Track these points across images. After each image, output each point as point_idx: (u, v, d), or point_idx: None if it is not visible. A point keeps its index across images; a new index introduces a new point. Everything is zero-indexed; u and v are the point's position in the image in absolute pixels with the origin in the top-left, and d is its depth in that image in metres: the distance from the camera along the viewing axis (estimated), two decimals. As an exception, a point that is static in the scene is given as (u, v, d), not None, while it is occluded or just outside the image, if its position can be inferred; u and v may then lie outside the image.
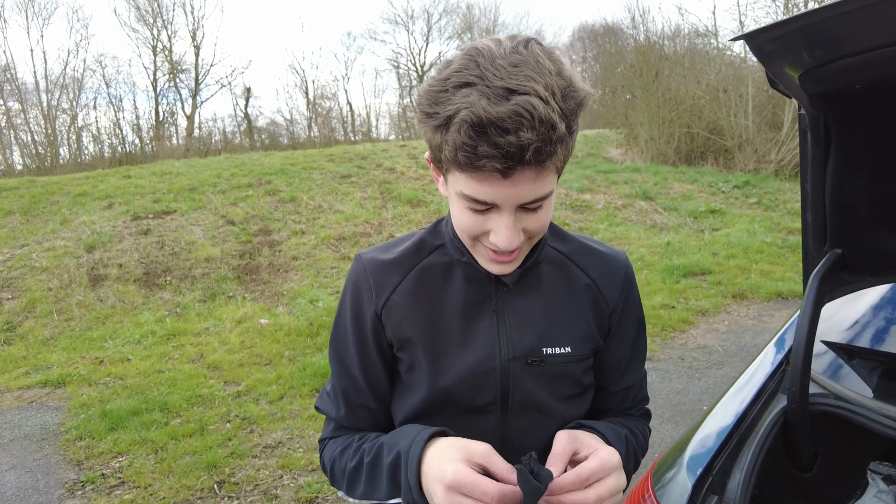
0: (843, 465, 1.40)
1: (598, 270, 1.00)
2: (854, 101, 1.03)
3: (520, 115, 0.68)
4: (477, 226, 0.81)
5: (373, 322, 0.96)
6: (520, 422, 0.95)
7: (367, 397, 1.00)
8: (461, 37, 28.33)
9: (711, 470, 1.13)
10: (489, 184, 0.74)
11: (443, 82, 0.74)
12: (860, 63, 0.89)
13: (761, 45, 0.94)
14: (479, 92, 0.69)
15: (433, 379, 0.93)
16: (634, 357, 1.06)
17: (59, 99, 21.60)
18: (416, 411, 0.96)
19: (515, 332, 0.93)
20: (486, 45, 0.74)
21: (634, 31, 15.62)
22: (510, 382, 0.93)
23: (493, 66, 0.70)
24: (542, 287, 0.96)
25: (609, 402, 1.06)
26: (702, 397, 3.90)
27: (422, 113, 0.77)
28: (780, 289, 5.97)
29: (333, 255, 7.37)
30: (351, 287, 0.98)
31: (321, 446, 1.06)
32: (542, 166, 0.73)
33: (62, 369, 4.78)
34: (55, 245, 7.16)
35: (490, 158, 0.70)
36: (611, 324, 1.01)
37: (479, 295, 0.94)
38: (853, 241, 1.26)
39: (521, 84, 0.69)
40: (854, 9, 0.81)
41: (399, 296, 0.95)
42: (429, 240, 0.99)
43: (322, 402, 1.06)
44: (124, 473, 3.27)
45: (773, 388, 1.38)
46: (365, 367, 0.98)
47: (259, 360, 4.84)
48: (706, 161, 13.17)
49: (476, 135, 0.69)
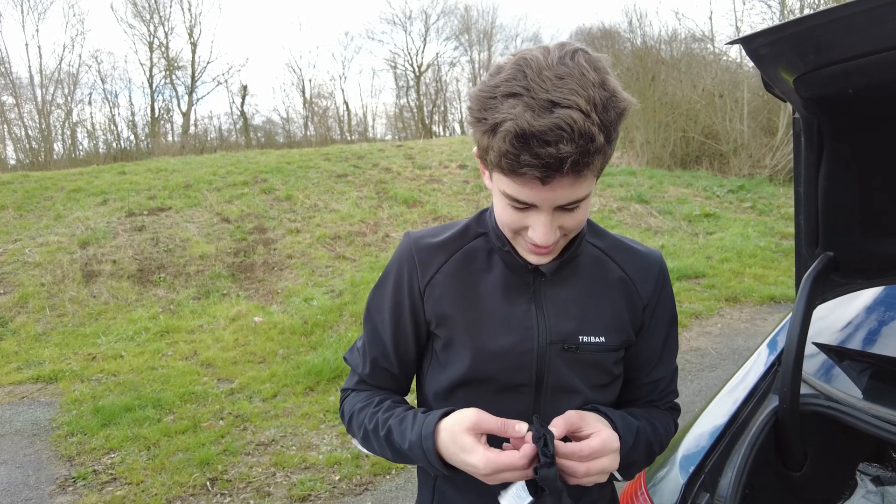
0: (832, 466, 1.42)
1: (633, 266, 1.05)
2: (847, 106, 1.04)
3: (560, 129, 0.73)
4: (517, 221, 0.88)
5: (412, 297, 1.02)
6: (551, 405, 1.00)
7: (391, 363, 1.07)
8: (458, 38, 28.38)
9: (703, 468, 1.14)
10: (528, 187, 0.81)
11: (492, 89, 0.78)
12: (853, 68, 0.91)
13: (757, 49, 0.95)
14: (525, 104, 0.74)
15: (471, 356, 0.98)
16: (666, 351, 1.10)
17: (54, 94, 21.52)
18: (451, 386, 1.01)
19: (553, 319, 0.98)
20: (534, 55, 0.78)
21: (632, 35, 15.68)
22: (545, 366, 0.98)
23: (540, 78, 0.75)
24: (579, 279, 1.02)
25: (637, 394, 1.11)
26: (694, 399, 3.92)
27: (472, 116, 0.82)
28: (773, 293, 6.01)
29: (328, 254, 7.36)
30: (396, 261, 1.04)
31: (343, 395, 1.14)
32: (579, 174, 0.79)
33: (54, 365, 4.76)
34: (49, 240, 7.13)
35: (531, 167, 0.76)
36: (644, 318, 1.05)
37: (518, 282, 1.00)
38: (845, 243, 1.27)
39: (565, 97, 0.73)
40: (847, 15, 0.82)
41: (442, 275, 1.01)
42: (474, 226, 1.05)
43: (351, 355, 1.14)
44: (116, 470, 3.26)
45: (765, 388, 1.39)
46: (396, 337, 1.05)
47: (253, 358, 4.83)
48: (701, 165, 13.23)
49: (519, 145, 0.75)
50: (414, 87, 28.11)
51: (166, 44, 23.65)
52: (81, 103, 22.93)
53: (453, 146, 12.56)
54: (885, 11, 0.80)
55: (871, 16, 0.82)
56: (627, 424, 0.99)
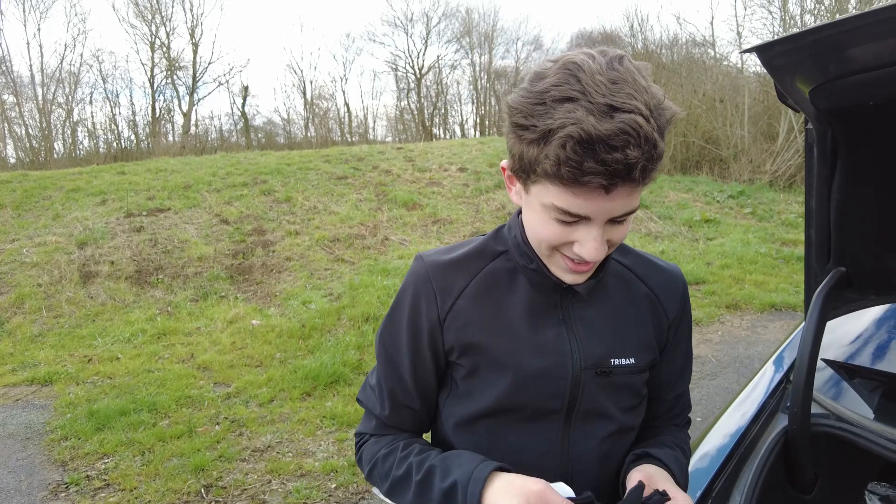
0: (841, 487, 1.38)
1: (658, 283, 1.02)
2: (864, 118, 1.01)
3: (626, 133, 0.69)
4: (562, 236, 0.82)
5: (431, 326, 0.95)
6: (581, 430, 0.96)
7: (412, 398, 1.00)
8: (460, 41, 28.35)
9: (711, 492, 1.10)
10: (586, 198, 0.75)
11: (540, 95, 0.74)
12: (874, 79, 0.87)
13: (772, 59, 0.91)
14: (584, 108, 0.70)
15: (502, 385, 0.93)
16: (686, 367, 1.09)
17: (55, 93, 21.45)
18: (476, 416, 0.96)
19: (585, 342, 0.94)
20: (582, 59, 0.73)
21: (633, 39, 15.68)
22: (579, 391, 0.94)
23: (594, 82, 0.71)
24: (607, 298, 0.98)
25: (660, 410, 1.09)
26: (695, 408, 3.87)
27: (514, 125, 0.77)
28: (773, 300, 5.98)
29: (327, 257, 7.32)
30: (412, 288, 0.97)
31: (359, 439, 1.06)
32: (642, 182, 0.75)
33: (49, 367, 4.72)
34: (46, 240, 7.08)
35: (595, 175, 0.71)
36: (668, 336, 1.03)
37: (546, 302, 0.95)
38: (858, 259, 1.24)
39: (625, 102, 0.70)
40: (871, 23, 0.79)
41: (465, 300, 0.95)
42: (492, 245, 0.99)
43: (365, 395, 1.06)
44: (110, 475, 3.21)
45: (772, 406, 1.36)
46: (415, 370, 0.98)
47: (250, 362, 4.79)
48: (701, 170, 13.21)
49: (582, 151, 0.70)
50: (415, 89, 28.09)
51: (168, 44, 23.61)
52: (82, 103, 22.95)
53: (453, 149, 12.52)
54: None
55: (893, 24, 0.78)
56: (679, 466, 0.98)
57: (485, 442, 0.97)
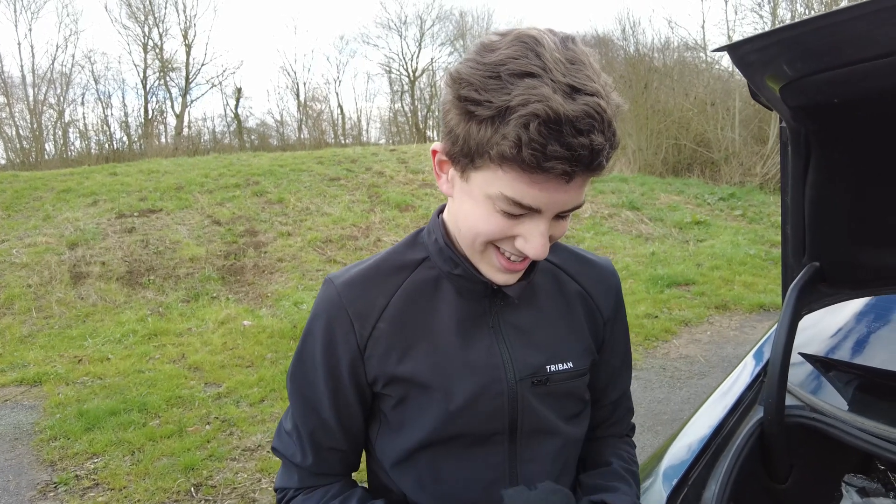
0: (817, 478, 1.41)
1: (590, 280, 0.95)
2: (833, 115, 1.04)
3: (591, 117, 0.63)
4: (505, 230, 0.73)
5: (351, 358, 0.85)
6: (528, 449, 0.88)
7: (338, 440, 0.89)
8: (454, 43, 28.42)
9: (687, 481, 1.13)
10: (543, 187, 0.67)
11: (493, 67, 0.64)
12: (838, 77, 0.90)
13: (743, 57, 0.94)
14: (548, 86, 0.62)
15: (436, 414, 0.84)
16: (624, 367, 1.03)
17: (46, 94, 21.38)
18: (412, 449, 0.87)
19: (518, 350, 0.86)
20: (538, 33, 0.66)
21: (625, 42, 15.78)
22: (518, 407, 0.85)
23: (553, 59, 0.64)
24: (537, 299, 0.90)
25: (599, 417, 1.03)
26: (683, 407, 3.91)
27: (461, 99, 0.67)
28: (762, 301, 6.03)
29: (320, 258, 7.33)
30: (323, 317, 0.85)
31: (282, 496, 0.92)
32: (599, 171, 0.68)
33: (39, 367, 4.70)
34: (37, 241, 7.05)
35: (559, 160, 0.63)
36: (604, 335, 0.97)
37: (475, 310, 0.86)
38: (831, 254, 1.27)
39: (585, 84, 0.63)
40: (834, 23, 0.82)
41: (385, 323, 0.84)
42: (409, 254, 0.89)
43: (282, 443, 0.92)
44: (99, 475, 3.21)
45: (750, 399, 1.38)
46: (337, 409, 0.87)
47: (241, 362, 4.79)
48: (692, 173, 13.31)
49: (548, 132, 0.62)
50: (408, 91, 28.13)
51: (161, 45, 23.57)
52: (74, 103, 22.78)
53: (447, 151, 12.54)
54: (873, 20, 0.79)
55: (858, 24, 0.81)
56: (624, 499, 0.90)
57: (427, 478, 0.88)
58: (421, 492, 0.88)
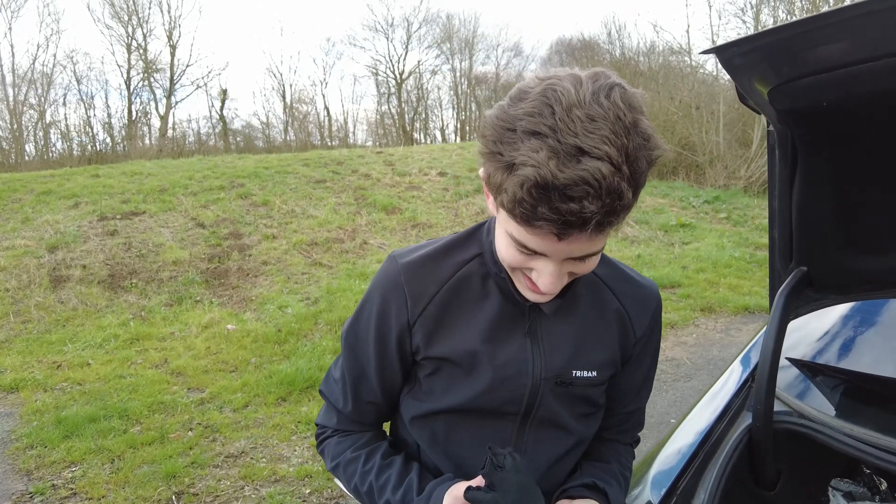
0: (805, 483, 1.40)
1: (630, 299, 1.01)
2: (821, 119, 1.03)
3: (587, 184, 0.64)
4: (521, 263, 0.80)
5: (400, 330, 0.95)
6: (535, 434, 0.98)
7: (376, 395, 1.01)
8: (440, 46, 28.45)
9: (676, 489, 1.11)
10: (541, 238, 0.73)
11: (512, 120, 0.69)
12: (826, 81, 0.89)
13: (731, 60, 0.93)
14: (549, 148, 0.65)
15: (462, 389, 0.94)
16: (645, 385, 1.09)
17: (27, 94, 21.02)
18: (434, 412, 0.97)
19: (549, 354, 0.94)
20: (565, 87, 0.67)
21: (611, 46, 15.89)
22: (536, 399, 0.95)
23: (569, 118, 0.65)
24: (577, 309, 0.97)
25: (611, 422, 1.09)
26: (669, 410, 3.92)
27: (485, 145, 0.73)
28: (747, 303, 6.07)
29: (305, 261, 7.27)
30: (381, 289, 0.96)
31: (321, 431, 1.07)
32: (600, 232, 0.71)
33: (16, 373, 4.59)
34: (15, 244, 6.91)
35: (547, 221, 0.68)
36: (633, 352, 1.02)
37: (515, 312, 0.94)
38: (818, 259, 1.26)
39: (595, 146, 0.64)
40: (820, 26, 0.81)
41: (435, 306, 0.94)
42: (466, 247, 0.97)
43: (328, 387, 1.06)
44: (77, 484, 3.13)
45: (738, 405, 1.37)
46: (381, 369, 0.99)
47: (224, 367, 4.72)
48: (678, 176, 13.40)
49: (538, 195, 0.66)
50: (395, 93, 28.09)
51: (145, 46, 23.30)
52: (55, 104, 22.38)
53: (434, 153, 12.53)
54: (858, 24, 0.79)
55: (845, 27, 0.80)
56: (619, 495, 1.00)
57: (440, 436, 0.99)
58: (433, 446, 0.99)
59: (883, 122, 0.99)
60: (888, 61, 0.81)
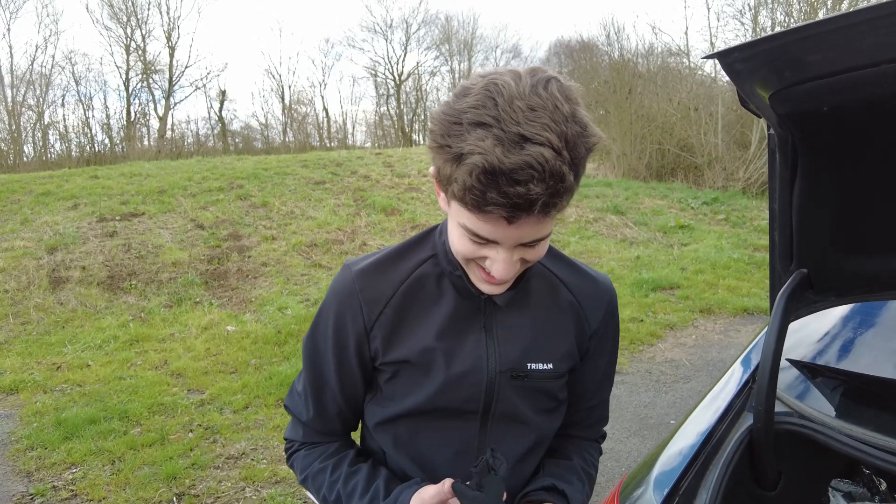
0: (805, 484, 1.41)
1: (584, 293, 1.03)
2: (822, 123, 1.04)
3: (531, 167, 0.68)
4: (474, 252, 0.84)
5: (358, 336, 0.97)
6: (498, 430, 0.99)
7: (339, 404, 1.03)
8: (439, 48, 28.49)
9: (678, 490, 1.12)
10: (492, 225, 0.76)
11: (458, 114, 0.73)
12: (827, 86, 0.90)
13: (732, 64, 0.94)
14: (494, 136, 0.69)
15: (421, 390, 0.96)
16: (605, 378, 1.11)
17: (25, 95, 21.00)
18: (396, 416, 0.99)
19: (503, 347, 0.96)
20: (506, 81, 0.72)
21: (609, 48, 15.90)
22: (494, 394, 0.96)
23: (511, 108, 0.70)
24: (530, 303, 0.99)
25: (575, 418, 1.12)
26: (669, 411, 3.93)
27: (433, 140, 0.77)
28: (746, 304, 6.09)
29: (304, 262, 7.27)
30: (337, 298, 0.98)
31: (289, 445, 1.09)
32: (546, 214, 0.75)
33: (16, 375, 4.59)
34: (14, 245, 6.91)
35: (497, 206, 0.72)
36: (589, 345, 1.05)
37: (470, 308, 0.97)
38: (818, 260, 1.27)
39: (537, 133, 0.69)
40: (822, 32, 0.82)
41: (391, 310, 0.96)
42: (419, 250, 1.00)
43: (292, 401, 1.08)
44: (77, 486, 3.14)
45: (739, 406, 1.38)
46: (342, 378, 1.00)
47: (224, 368, 4.73)
48: (676, 177, 13.43)
49: (486, 181, 0.70)
50: (394, 95, 28.11)
51: (143, 47, 23.30)
52: (54, 105, 22.33)
53: (433, 155, 12.53)
54: (860, 30, 0.80)
55: (847, 33, 0.81)
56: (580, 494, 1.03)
57: (404, 439, 1.01)
58: (398, 449, 1.01)
59: (883, 127, 1.00)
60: (889, 67, 0.82)
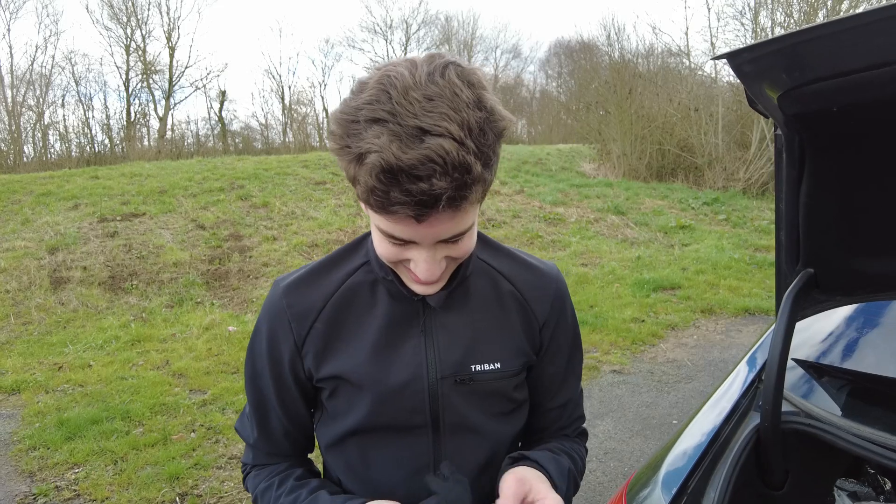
0: (811, 483, 1.41)
1: (527, 283, 0.98)
2: (830, 124, 1.04)
3: (432, 161, 0.64)
4: (396, 255, 0.80)
5: (291, 353, 0.93)
6: (453, 443, 0.93)
7: (284, 423, 0.99)
8: (439, 48, 28.46)
9: (686, 489, 1.12)
10: (403, 224, 0.72)
11: (354, 112, 0.68)
12: (836, 86, 0.91)
13: (741, 65, 0.94)
14: (391, 132, 0.65)
15: (361, 405, 0.91)
16: (569, 373, 1.04)
17: (25, 95, 20.98)
18: (343, 435, 0.95)
19: (443, 351, 0.91)
20: (399, 72, 0.68)
21: (609, 48, 15.91)
22: (439, 403, 0.91)
23: (406, 100, 0.65)
24: (471, 301, 0.94)
25: (545, 421, 1.05)
26: (671, 411, 3.93)
27: (333, 141, 0.72)
28: (747, 304, 6.09)
29: (305, 263, 7.27)
30: (267, 317, 0.94)
31: (243, 468, 1.05)
32: (457, 209, 0.71)
33: (17, 375, 4.59)
34: (15, 245, 6.91)
35: (402, 205, 0.67)
36: (542, 339, 0.99)
37: (407, 313, 0.92)
38: (825, 260, 1.27)
39: (436, 124, 0.65)
40: (831, 32, 0.82)
41: (322, 324, 0.92)
42: (351, 258, 0.96)
43: (241, 425, 1.04)
44: (80, 486, 3.14)
45: (745, 405, 1.39)
46: (281, 397, 0.97)
47: (226, 368, 4.73)
48: (677, 178, 13.44)
49: (387, 180, 0.66)
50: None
51: (143, 47, 23.29)
52: (54, 105, 22.31)
53: (433, 155, 12.54)
54: (869, 30, 0.80)
55: (857, 34, 0.81)
56: (559, 469, 0.95)
57: (356, 461, 0.96)
58: (351, 474, 0.97)
59: (890, 127, 1.01)
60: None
